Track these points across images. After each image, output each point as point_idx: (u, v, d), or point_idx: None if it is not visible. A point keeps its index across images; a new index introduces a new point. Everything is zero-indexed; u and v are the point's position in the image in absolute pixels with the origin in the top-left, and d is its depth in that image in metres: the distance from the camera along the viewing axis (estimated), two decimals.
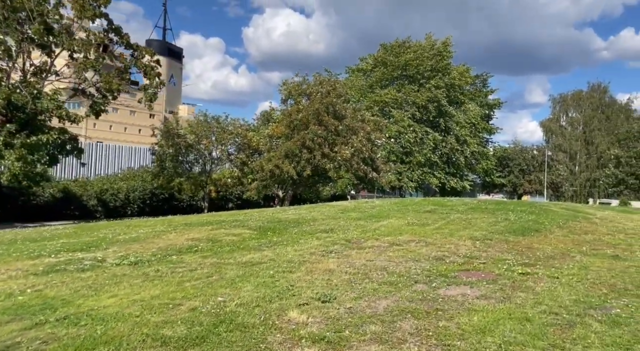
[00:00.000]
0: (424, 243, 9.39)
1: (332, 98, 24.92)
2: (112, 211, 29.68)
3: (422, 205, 15.90)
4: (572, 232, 11.53)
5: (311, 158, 24.09)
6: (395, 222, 12.33)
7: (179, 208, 32.75)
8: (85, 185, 28.31)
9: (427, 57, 37.52)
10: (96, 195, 28.80)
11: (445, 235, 10.31)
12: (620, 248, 9.73)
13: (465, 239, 9.83)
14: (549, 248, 9.32)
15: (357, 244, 9.29)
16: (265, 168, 24.29)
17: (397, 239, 9.80)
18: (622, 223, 14.23)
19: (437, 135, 37.01)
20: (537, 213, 14.21)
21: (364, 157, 24.74)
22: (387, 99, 36.89)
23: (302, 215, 13.71)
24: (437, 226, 11.61)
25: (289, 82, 26.84)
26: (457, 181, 39.62)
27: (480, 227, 11.49)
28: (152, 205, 32.33)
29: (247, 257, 7.94)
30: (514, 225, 11.75)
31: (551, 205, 17.35)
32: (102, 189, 29.10)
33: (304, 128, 24.17)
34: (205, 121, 26.02)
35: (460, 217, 13.02)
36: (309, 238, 10.03)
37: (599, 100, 75.22)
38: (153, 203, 32.45)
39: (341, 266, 7.25)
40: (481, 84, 48.84)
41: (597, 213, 16.98)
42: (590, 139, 73.79)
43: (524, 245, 9.57)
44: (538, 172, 52.70)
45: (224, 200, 36.19)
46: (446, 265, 7.47)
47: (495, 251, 8.82)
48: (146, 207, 32.05)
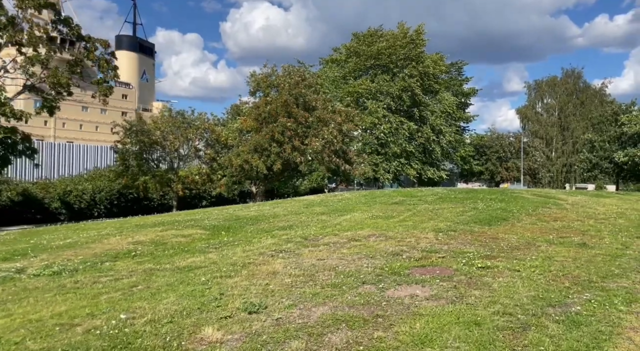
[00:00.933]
0: (384, 237, 8.84)
1: (301, 89, 24.18)
2: (77, 213, 28.54)
3: (391, 196, 15.39)
4: (541, 219, 11.14)
5: (281, 151, 23.38)
6: (359, 215, 11.77)
7: (150, 208, 31.69)
8: (47, 187, 27.10)
9: (399, 45, 36.94)
10: (59, 197, 27.63)
11: (408, 227, 9.78)
12: (589, 235, 9.35)
13: (428, 231, 9.32)
14: (515, 237, 8.88)
15: (313, 241, 8.69)
16: (234, 163, 23.50)
17: (357, 234, 9.24)
18: (593, 208, 13.95)
19: (412, 125, 36.58)
20: (506, 201, 13.83)
21: (336, 149, 24.13)
22: (360, 90, 36.25)
23: (264, 212, 13.06)
24: (401, 218, 11.09)
25: (257, 74, 25.99)
26: (434, 171, 39.35)
27: (446, 217, 11.01)
28: (120, 205, 31.23)
29: (187, 260, 7.26)
30: (481, 215, 11.31)
31: (523, 192, 17.05)
32: (65, 191, 27.93)
33: (272, 121, 23.42)
34: (169, 116, 25.02)
35: (427, 207, 12.54)
36: (264, 236, 9.39)
37: (573, 86, 76.03)
38: (121, 203, 31.35)
39: (288, 267, 6.64)
40: (456, 72, 48.56)
41: (569, 198, 16.73)
42: (565, 125, 74.62)
43: (489, 235, 9.11)
44: (515, 159, 52.94)
45: (197, 198, 35.23)
46: (402, 262, 6.92)
47: (457, 243, 8.33)
48: (114, 207, 30.94)
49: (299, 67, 26.25)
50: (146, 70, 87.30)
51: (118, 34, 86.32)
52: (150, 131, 24.30)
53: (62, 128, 65.96)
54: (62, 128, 66.12)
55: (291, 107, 23.44)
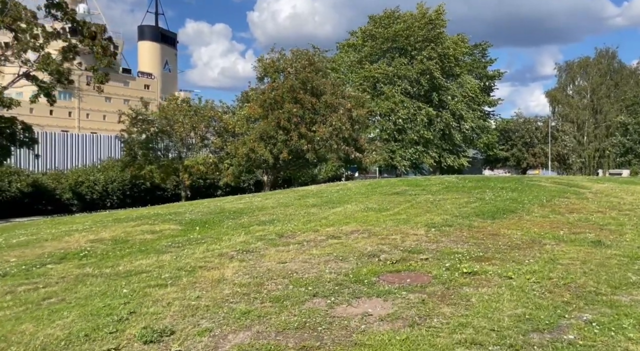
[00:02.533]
0: (368, 234, 7.84)
1: (308, 73, 23.08)
2: (89, 204, 28.50)
3: (395, 186, 14.28)
4: (555, 211, 9.87)
5: (288, 139, 22.46)
6: (352, 207, 10.76)
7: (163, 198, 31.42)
8: (59, 178, 27.08)
9: (418, 26, 35.13)
10: (71, 187, 27.59)
11: (400, 222, 8.74)
12: (607, 230, 8.08)
13: (420, 226, 8.26)
14: (518, 233, 7.72)
15: (287, 239, 7.77)
16: (239, 152, 22.74)
17: (340, 230, 8.27)
18: (619, 197, 12.50)
19: (431, 110, 34.92)
20: (519, 190, 12.53)
21: (345, 136, 23.02)
22: (377, 74, 34.75)
23: (254, 204, 12.21)
24: (396, 211, 10.03)
25: (264, 59, 25.02)
26: (455, 158, 37.63)
27: (445, 210, 9.88)
28: (134, 196, 31.08)
29: (134, 263, 6.47)
30: (487, 206, 10.12)
31: (542, 180, 15.62)
32: (77, 181, 27.87)
33: (278, 107, 22.48)
34: (175, 104, 24.41)
35: (428, 198, 11.41)
36: (238, 233, 8.53)
37: (607, 67, 71.96)
38: (134, 194, 31.20)
39: (239, 273, 5.75)
40: (480, 54, 46.23)
41: (594, 186, 15.22)
42: (598, 107, 70.82)
43: (489, 231, 7.97)
44: (543, 144, 50.40)
45: (212, 188, 34.85)
46: (374, 265, 5.93)
47: (449, 241, 7.25)
48: (127, 198, 30.83)
49: (306, 51, 25.08)
50: (168, 60, 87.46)
51: (140, 25, 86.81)
52: (155, 120, 23.79)
53: (86, 119, 66.84)
54: (87, 119, 66.99)
55: (297, 93, 22.42)
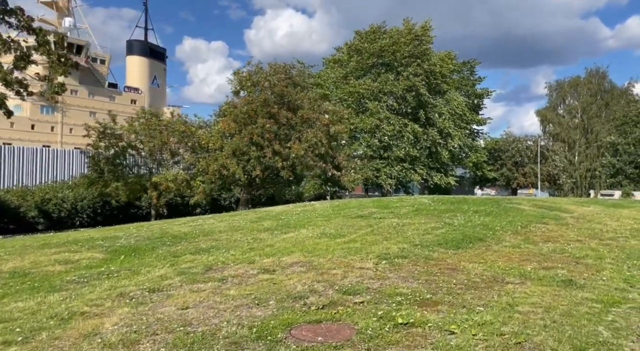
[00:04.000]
0: (307, 267, 6.77)
1: (283, 87, 22.24)
2: (56, 223, 27.22)
3: (363, 207, 13.25)
4: (528, 239, 8.86)
5: (261, 156, 21.47)
6: (306, 232, 9.71)
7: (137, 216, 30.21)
8: (25, 195, 25.83)
9: (404, 42, 34.65)
10: (37, 205, 26.30)
11: (350, 251, 7.68)
12: (583, 265, 7.06)
13: (371, 258, 7.21)
14: (480, 268, 6.68)
15: (212, 273, 6.69)
16: (211, 169, 21.71)
17: (279, 261, 7.20)
18: (602, 223, 11.54)
19: (417, 127, 34.14)
20: (495, 214, 11.54)
21: (321, 153, 22.06)
22: (361, 90, 34.07)
23: (203, 227, 11.12)
24: (352, 237, 8.98)
25: (240, 72, 24.18)
26: (442, 177, 36.75)
27: (406, 237, 8.84)
28: (105, 214, 29.81)
29: (7, 307, 5.36)
30: (454, 233, 9.10)
31: (522, 202, 14.65)
32: (44, 199, 26.61)
33: (252, 122, 21.55)
34: (144, 118, 23.41)
35: (393, 223, 10.37)
36: (162, 264, 7.44)
37: (597, 86, 71.85)
38: (106, 212, 29.94)
39: (121, 323, 4.65)
40: (468, 72, 45.87)
41: (578, 210, 14.27)
42: (589, 127, 70.45)
43: (448, 264, 6.93)
44: (533, 164, 49.73)
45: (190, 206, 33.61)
46: (293, 313, 4.85)
47: (397, 277, 6.20)
48: (98, 216, 29.54)
49: (284, 64, 24.29)
50: (157, 75, 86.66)
51: (129, 39, 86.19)
52: (122, 134, 22.76)
53: (69, 134, 65.62)
54: (70, 134, 65.75)
55: (272, 107, 21.52)
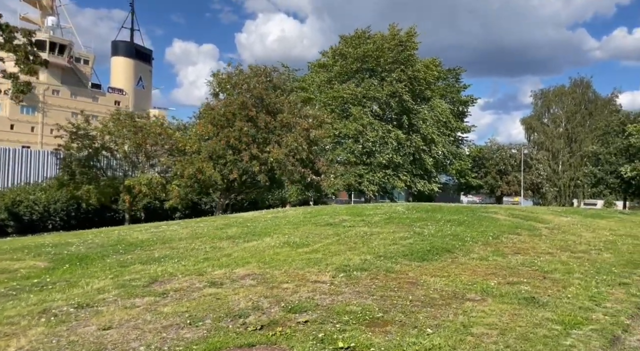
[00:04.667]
0: (259, 280, 6.34)
1: (262, 89, 21.81)
2: (27, 225, 26.39)
3: (336, 215, 12.86)
4: (498, 251, 8.54)
5: (238, 160, 20.99)
6: (270, 241, 9.27)
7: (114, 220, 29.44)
8: None
9: (388, 48, 34.53)
10: (7, 207, 25.44)
11: (310, 263, 7.26)
12: (550, 280, 6.73)
13: (330, 270, 6.80)
14: (442, 283, 6.31)
15: (155, 286, 6.21)
16: (186, 172, 21.15)
17: (231, 274, 6.75)
18: (577, 235, 11.30)
19: (400, 134, 33.96)
20: (468, 223, 11.22)
21: (301, 158, 21.65)
22: (345, 95, 33.82)
23: (164, 234, 10.61)
24: (316, 247, 8.56)
25: (220, 73, 23.66)
26: (425, 184, 36.57)
27: (372, 247, 8.46)
28: (79, 217, 28.99)
29: None
30: (422, 244, 8.73)
31: (499, 211, 14.38)
32: (14, 201, 25.77)
33: (229, 125, 21.08)
34: (118, 119, 22.76)
35: (361, 231, 9.99)
36: (105, 275, 6.94)
37: (581, 96, 72.78)
38: (80, 215, 29.11)
39: (27, 347, 4.17)
40: (454, 79, 45.94)
41: (555, 220, 14.06)
42: (573, 136, 71.29)
43: (409, 278, 6.55)
44: (517, 172, 49.87)
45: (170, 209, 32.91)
46: (226, 335, 4.41)
47: (352, 292, 5.80)
48: (72, 219, 28.72)
49: (264, 67, 23.86)
50: (143, 76, 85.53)
51: (114, 40, 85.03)
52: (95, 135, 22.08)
53: (50, 134, 64.31)
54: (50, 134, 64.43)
55: (250, 110, 21.07)
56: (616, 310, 5.43)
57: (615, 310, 5.45)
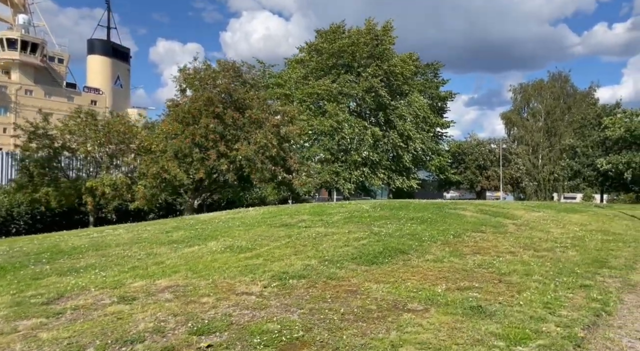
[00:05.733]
0: (178, 294, 5.61)
1: (228, 84, 20.96)
2: None
3: (296, 214, 12.16)
4: (456, 252, 7.93)
5: (205, 158, 20.12)
6: (214, 245, 8.53)
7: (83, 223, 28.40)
8: None
9: (363, 42, 33.88)
10: None
11: (245, 270, 6.55)
12: (505, 284, 6.13)
13: (264, 279, 6.10)
14: (384, 290, 5.66)
15: (57, 304, 5.44)
16: (150, 171, 20.22)
17: (150, 285, 6.01)
18: (545, 231, 10.79)
19: (377, 130, 33.35)
20: (431, 221, 10.62)
21: (272, 155, 20.87)
22: (320, 91, 33.09)
23: (101, 240, 9.78)
24: (259, 252, 7.85)
25: (186, 69, 22.70)
26: (403, 180, 36.06)
27: (320, 250, 7.78)
28: (45, 220, 27.77)
29: None
30: (376, 245, 8.08)
31: (468, 207, 13.83)
32: None
33: (195, 122, 20.19)
34: (78, 117, 21.71)
35: (314, 233, 9.30)
36: (7, 290, 6.14)
37: (560, 90, 73.12)
38: (46, 218, 27.87)
39: None
40: (432, 74, 45.51)
41: (525, 215, 13.59)
42: (552, 130, 71.60)
43: (350, 285, 5.89)
44: (496, 167, 49.75)
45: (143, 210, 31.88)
46: None
47: (279, 305, 5.11)
48: (37, 223, 27.46)
49: (233, 62, 23.00)
50: (120, 75, 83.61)
51: (90, 38, 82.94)
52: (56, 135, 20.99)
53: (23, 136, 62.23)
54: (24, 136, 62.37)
55: (216, 106, 20.22)
56: (571, 319, 4.84)
57: (570, 319, 4.86)
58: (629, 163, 30.53)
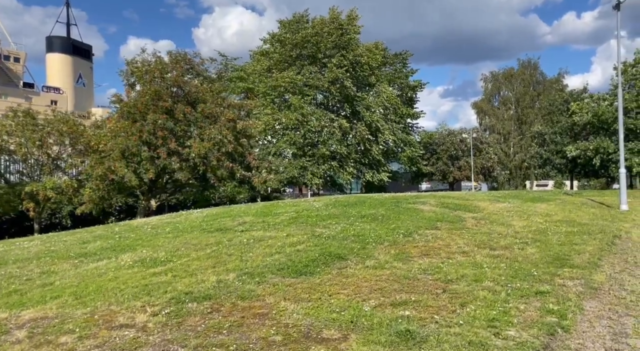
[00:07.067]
0: (39, 330, 4.47)
1: (178, 77, 19.61)
2: None
3: (240, 216, 11.05)
4: (403, 254, 6.97)
5: (155, 156, 18.78)
6: (126, 258, 7.36)
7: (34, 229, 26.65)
8: None
9: (327, 32, 32.77)
10: None
11: (142, 292, 5.43)
12: (449, 295, 5.17)
13: (159, 303, 5.00)
14: (302, 311, 4.63)
15: None
16: (95, 173, 18.77)
17: (12, 318, 4.89)
18: (506, 225, 9.96)
19: (344, 123, 32.36)
20: (384, 218, 9.66)
21: (228, 151, 19.64)
22: (283, 83, 31.88)
23: (6, 254, 8.48)
24: (173, 265, 6.73)
25: (134, 61, 21.16)
26: (374, 174, 35.23)
27: (246, 260, 6.71)
28: None
29: None
30: (312, 250, 7.05)
31: (429, 201, 12.95)
32: None
33: (142, 118, 18.80)
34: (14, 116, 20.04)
35: (252, 237, 8.23)
36: None
37: (530, 77, 73.52)
38: None
39: None
40: (401, 64, 44.71)
41: (488, 207, 12.81)
42: (523, 118, 71.99)
43: (263, 306, 4.83)
44: (468, 157, 49.43)
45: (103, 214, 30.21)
46: None
47: (156, 344, 4.01)
48: None
49: (185, 53, 21.56)
50: (82, 74, 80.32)
51: (49, 36, 79.24)
52: None
53: None
54: None
55: (164, 101, 18.85)
56: (519, 343, 3.90)
57: (518, 342, 3.92)
58: (597, 149, 30.37)
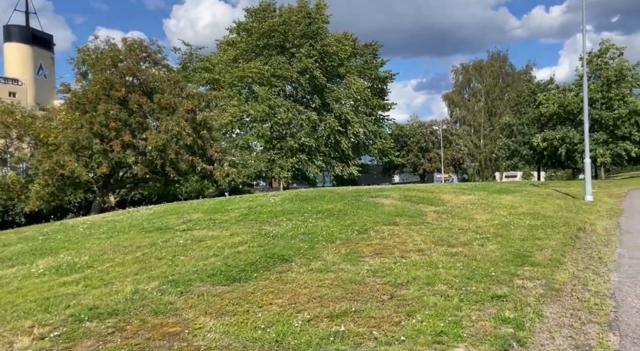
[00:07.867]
0: None
1: (132, 65, 18.49)
2: None
3: (189, 212, 10.25)
4: (354, 253, 6.35)
5: (108, 150, 17.68)
6: (42, 264, 6.52)
7: None
8: None
9: (295, 21, 31.88)
10: None
11: (37, 308, 4.65)
12: (395, 302, 4.57)
13: (51, 323, 4.24)
14: (221, 329, 3.93)
15: None
16: (42, 167, 17.55)
17: None
18: (468, 219, 9.50)
19: (312, 114, 31.66)
20: (342, 213, 9.04)
21: (187, 144, 18.69)
22: (250, 74, 30.88)
23: None
24: (94, 271, 5.94)
25: (86, 49, 19.86)
26: (344, 167, 34.70)
27: (176, 264, 5.97)
28: None
29: None
30: (254, 252, 6.35)
31: (392, 194, 12.42)
32: None
33: (93, 109, 17.64)
34: None
35: (192, 237, 7.47)
36: None
37: (499, 69, 74.29)
38: None
39: None
40: (371, 55, 44.18)
41: (453, 200, 12.37)
42: (493, 110, 72.80)
43: (176, 324, 4.11)
44: (438, 149, 49.59)
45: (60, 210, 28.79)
46: None
47: None
48: None
49: (141, 41, 20.35)
50: (43, 64, 76.58)
51: (6, 24, 75.21)
52: None
53: None
54: None
55: (117, 90, 17.72)
56: None
57: None
58: (564, 139, 30.68)
